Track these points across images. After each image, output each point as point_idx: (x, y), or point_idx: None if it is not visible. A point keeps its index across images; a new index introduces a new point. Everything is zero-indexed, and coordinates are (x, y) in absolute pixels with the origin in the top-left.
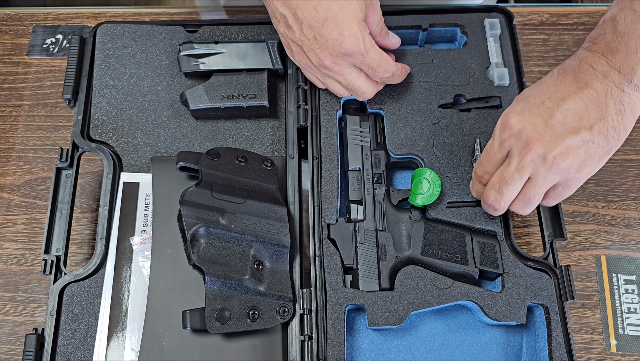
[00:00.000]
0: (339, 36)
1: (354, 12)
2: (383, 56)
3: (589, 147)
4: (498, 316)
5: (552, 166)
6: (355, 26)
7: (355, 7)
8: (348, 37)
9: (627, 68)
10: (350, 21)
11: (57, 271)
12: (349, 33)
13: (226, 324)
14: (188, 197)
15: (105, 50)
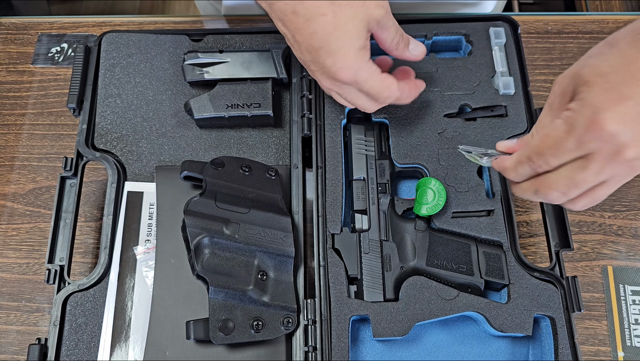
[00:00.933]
0: (332, 66)
1: (350, 41)
2: (384, 83)
3: None
4: (504, 328)
5: (635, 169)
6: (350, 57)
7: (353, 37)
8: (341, 69)
9: None
10: (345, 52)
11: (61, 281)
12: (342, 64)
13: (230, 335)
14: (192, 207)
15: (110, 59)
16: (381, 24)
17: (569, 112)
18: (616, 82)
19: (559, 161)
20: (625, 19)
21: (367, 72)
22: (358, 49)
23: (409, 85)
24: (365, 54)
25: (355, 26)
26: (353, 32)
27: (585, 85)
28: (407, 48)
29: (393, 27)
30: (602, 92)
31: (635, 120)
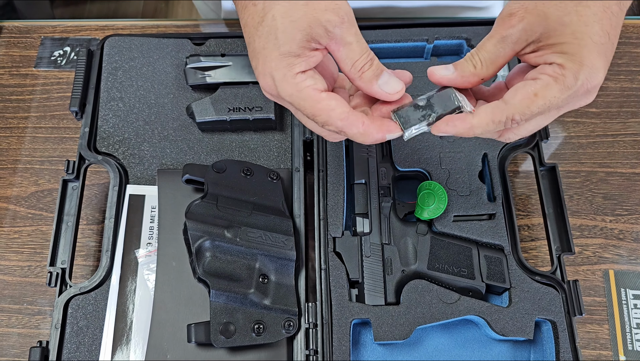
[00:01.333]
0: (255, 69)
1: (274, 40)
2: (319, 105)
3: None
4: (505, 332)
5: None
6: (270, 60)
7: (279, 35)
8: (261, 74)
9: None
10: (267, 52)
11: (62, 284)
12: (262, 68)
13: (231, 338)
14: (193, 210)
15: (113, 63)
16: (333, 36)
17: (560, 70)
18: (603, 43)
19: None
20: (627, 23)
21: (291, 87)
22: (283, 54)
23: (370, 121)
24: (292, 62)
25: (285, 25)
26: (280, 30)
27: (573, 37)
28: (375, 80)
29: (356, 45)
30: (590, 48)
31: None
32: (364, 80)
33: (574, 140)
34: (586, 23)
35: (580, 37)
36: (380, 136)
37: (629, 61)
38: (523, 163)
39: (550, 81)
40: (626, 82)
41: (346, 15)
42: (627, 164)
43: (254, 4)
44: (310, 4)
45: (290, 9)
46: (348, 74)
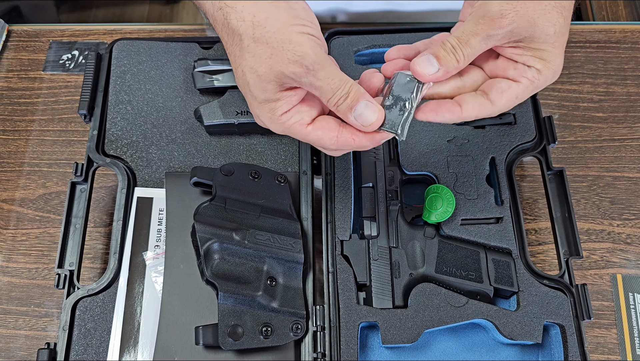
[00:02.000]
0: (249, 103)
1: (250, 92)
2: (308, 136)
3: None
4: (513, 335)
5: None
6: (255, 107)
7: (252, 89)
8: (255, 116)
9: None
10: (249, 100)
11: (70, 286)
12: (251, 109)
13: (239, 340)
14: (202, 212)
15: (121, 67)
16: (301, 83)
17: (538, 75)
18: (562, 46)
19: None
20: (632, 29)
21: (280, 125)
22: (261, 102)
23: (360, 133)
24: (273, 107)
25: (254, 80)
26: (252, 85)
27: (550, 45)
28: (350, 111)
29: (327, 86)
30: (560, 57)
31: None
32: (340, 112)
33: (581, 144)
34: (562, 33)
35: (557, 47)
36: (373, 144)
37: (635, 66)
38: (530, 167)
39: (528, 85)
40: (633, 87)
41: (311, 64)
42: (634, 169)
43: (229, 54)
44: (274, 56)
45: (256, 63)
46: (326, 105)
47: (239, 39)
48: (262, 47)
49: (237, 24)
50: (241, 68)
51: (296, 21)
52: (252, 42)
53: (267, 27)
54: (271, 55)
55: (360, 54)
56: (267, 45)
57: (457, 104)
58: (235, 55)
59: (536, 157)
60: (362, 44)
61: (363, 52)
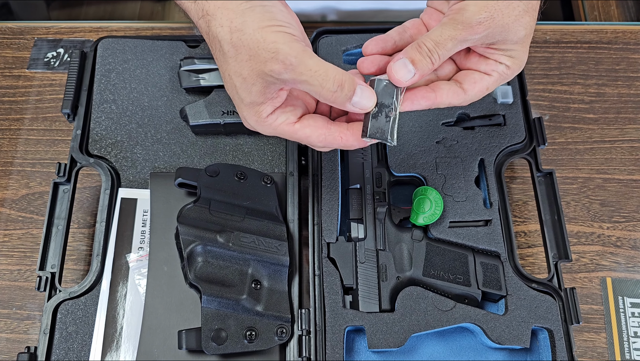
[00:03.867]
0: (236, 106)
1: (237, 95)
2: (297, 134)
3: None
4: (501, 340)
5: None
6: (241, 110)
7: (239, 92)
8: (243, 118)
9: None
10: (236, 103)
11: (52, 288)
12: (241, 113)
13: (223, 345)
14: (186, 214)
15: (106, 65)
16: (285, 80)
17: (507, 70)
18: (529, 43)
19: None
20: (624, 29)
21: (267, 127)
22: (248, 105)
23: (348, 131)
24: (259, 110)
25: (239, 83)
26: (239, 88)
27: (519, 45)
28: (348, 101)
29: (313, 79)
30: (526, 52)
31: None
32: (337, 104)
33: (571, 146)
34: (530, 34)
35: (524, 44)
36: (360, 144)
37: (627, 66)
38: (520, 169)
39: (498, 77)
40: (624, 88)
41: (286, 59)
42: (625, 171)
43: (215, 59)
44: (253, 57)
45: (239, 67)
46: (321, 101)
47: (219, 45)
48: (242, 50)
49: (217, 31)
50: (227, 73)
51: (272, 22)
52: (232, 47)
53: (244, 30)
54: (250, 57)
55: (348, 54)
56: (245, 48)
57: (432, 90)
58: (220, 61)
59: (526, 158)
60: (350, 43)
61: (352, 52)
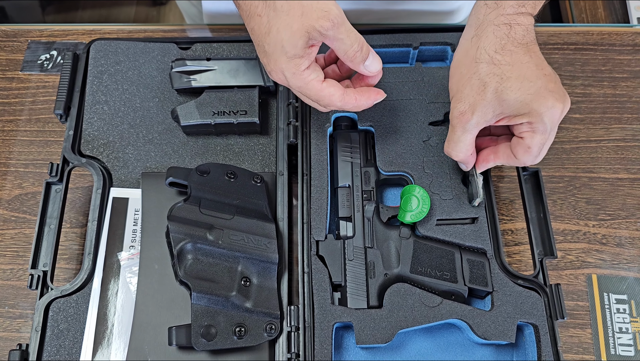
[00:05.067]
0: (267, 65)
1: (281, 49)
2: (322, 93)
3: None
4: (487, 335)
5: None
6: (281, 63)
7: (284, 45)
8: (273, 71)
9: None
10: (276, 57)
11: (44, 287)
12: (274, 67)
13: (212, 341)
14: (176, 212)
15: (98, 67)
16: (327, 36)
17: (530, 126)
18: (540, 85)
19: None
20: (609, 31)
21: (300, 81)
22: (290, 57)
23: (360, 94)
24: (299, 63)
25: (288, 36)
26: (285, 40)
27: (533, 102)
28: (362, 63)
29: (347, 39)
30: (542, 100)
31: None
32: (354, 63)
33: (558, 145)
34: (532, 99)
35: (531, 107)
36: (370, 102)
37: (612, 67)
38: (508, 168)
39: (530, 134)
40: (609, 89)
41: (336, 18)
42: (610, 170)
43: (259, 16)
44: (305, 14)
45: (290, 21)
46: (342, 59)
47: (272, 2)
48: (295, 6)
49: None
50: (276, 27)
51: None
52: (285, 3)
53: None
54: (302, 14)
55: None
56: (298, 5)
57: (493, 152)
58: (269, 17)
59: None
60: None
61: None
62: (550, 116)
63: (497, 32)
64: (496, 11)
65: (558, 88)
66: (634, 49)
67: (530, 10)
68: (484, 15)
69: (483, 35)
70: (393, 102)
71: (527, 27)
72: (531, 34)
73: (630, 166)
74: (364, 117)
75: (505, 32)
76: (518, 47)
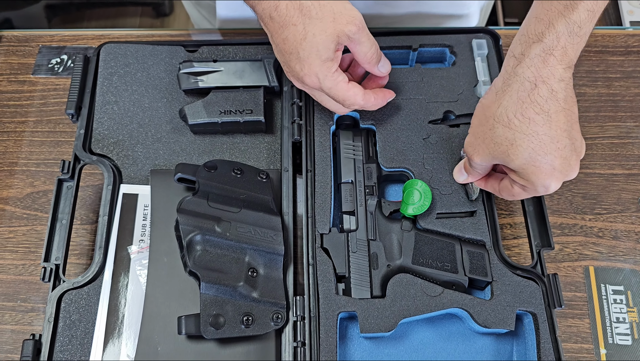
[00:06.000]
0: (300, 71)
1: (316, 52)
2: (348, 92)
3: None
4: (488, 323)
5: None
6: (315, 66)
7: (319, 49)
8: (307, 75)
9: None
10: (311, 61)
11: (56, 279)
12: (308, 71)
13: (220, 329)
14: (185, 205)
15: (108, 69)
16: (353, 39)
17: (519, 180)
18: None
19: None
20: (602, 33)
21: (331, 82)
22: (324, 60)
23: (376, 94)
24: (331, 65)
25: (323, 39)
26: (320, 44)
27: (533, 174)
28: (377, 64)
29: (367, 42)
30: (536, 175)
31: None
32: (371, 65)
33: None
34: (534, 159)
35: (526, 168)
36: (384, 102)
37: (606, 68)
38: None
39: (520, 190)
40: (603, 88)
41: (360, 23)
42: (605, 165)
43: (294, 25)
44: (336, 19)
45: (324, 26)
46: (360, 61)
47: (307, 11)
48: (327, 13)
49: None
50: (312, 32)
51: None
52: (319, 10)
53: (327, 2)
54: (334, 19)
55: None
56: (329, 12)
57: (497, 181)
58: (305, 24)
59: None
60: None
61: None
62: (544, 190)
63: (521, 92)
64: (523, 63)
65: (564, 165)
66: (626, 50)
67: (559, 58)
68: (512, 68)
69: (507, 93)
70: (393, 102)
71: (552, 88)
72: (558, 94)
73: (624, 162)
74: (366, 116)
75: (529, 92)
76: (539, 114)
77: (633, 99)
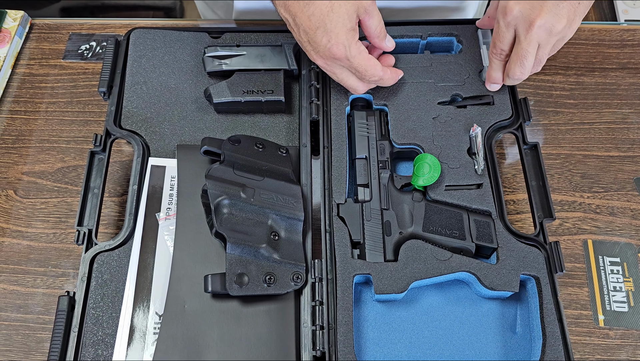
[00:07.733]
0: (327, 43)
1: (342, 22)
2: (370, 62)
3: (574, 6)
4: (494, 285)
5: (552, 32)
6: (342, 35)
7: (345, 18)
8: (335, 45)
9: None
10: (338, 30)
11: (89, 242)
12: (336, 41)
13: (244, 287)
14: (213, 172)
15: (137, 52)
16: (368, 12)
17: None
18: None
19: (506, 43)
20: (599, 28)
21: (356, 50)
22: (349, 29)
23: (390, 70)
24: (354, 35)
25: (347, 9)
26: (345, 14)
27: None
28: (384, 39)
29: (377, 16)
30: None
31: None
32: (379, 38)
33: (554, 127)
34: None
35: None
36: (397, 77)
37: (602, 59)
38: (509, 147)
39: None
40: (600, 78)
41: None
42: (602, 148)
43: (313, 5)
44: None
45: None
46: (371, 35)
47: None
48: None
49: None
50: (337, 4)
51: None
52: None
53: None
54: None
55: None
56: None
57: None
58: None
59: (513, 133)
60: None
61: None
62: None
63: None
64: None
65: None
66: (621, 44)
67: None
68: None
69: None
70: (405, 85)
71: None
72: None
73: (620, 145)
74: (379, 96)
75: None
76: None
77: (628, 88)
